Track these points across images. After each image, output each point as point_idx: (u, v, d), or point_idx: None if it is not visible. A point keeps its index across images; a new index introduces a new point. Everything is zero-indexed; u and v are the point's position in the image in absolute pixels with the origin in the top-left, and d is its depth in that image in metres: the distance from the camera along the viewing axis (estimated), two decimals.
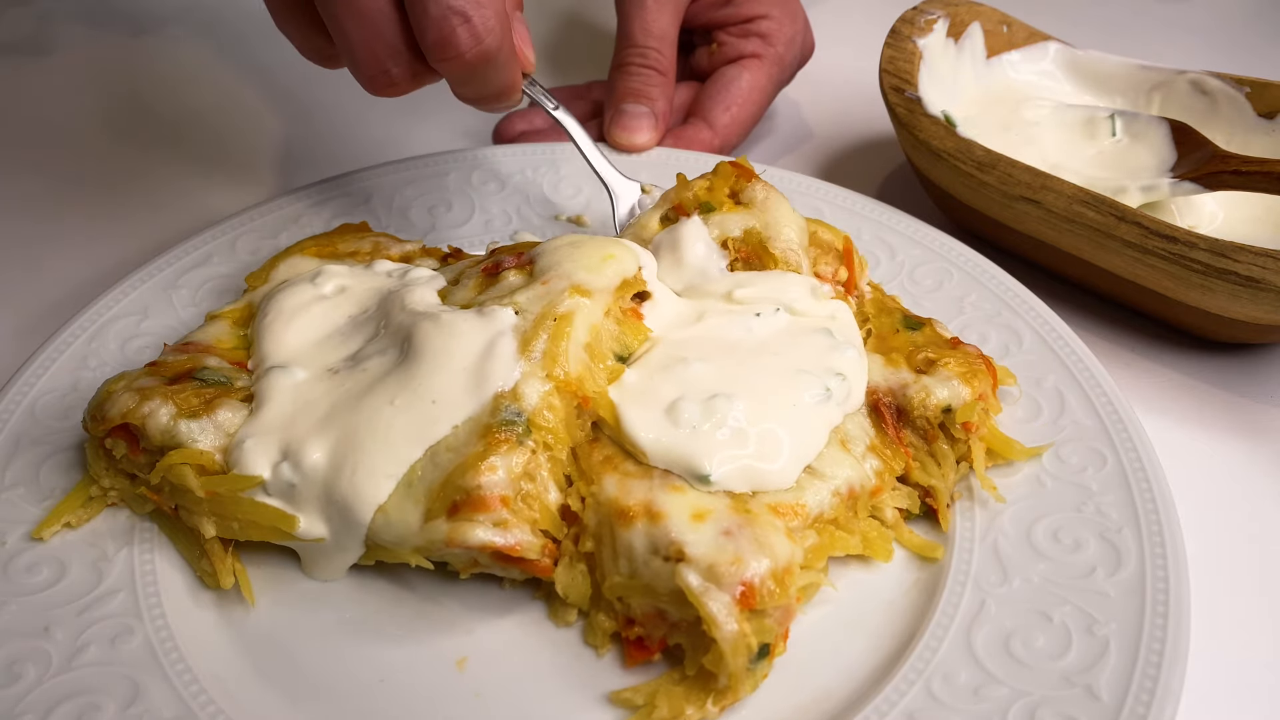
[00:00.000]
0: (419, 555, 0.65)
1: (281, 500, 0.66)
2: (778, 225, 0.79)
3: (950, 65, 1.04)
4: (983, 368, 0.74)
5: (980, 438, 0.72)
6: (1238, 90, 0.98)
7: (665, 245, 0.79)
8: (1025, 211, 0.89)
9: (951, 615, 0.65)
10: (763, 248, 0.79)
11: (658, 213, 0.82)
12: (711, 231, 0.79)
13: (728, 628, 0.59)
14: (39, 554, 0.68)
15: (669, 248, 0.79)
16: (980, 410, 0.72)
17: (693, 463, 0.65)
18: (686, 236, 0.78)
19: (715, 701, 0.61)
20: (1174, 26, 1.39)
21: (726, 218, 0.80)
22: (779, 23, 1.07)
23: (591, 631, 0.66)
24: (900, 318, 0.79)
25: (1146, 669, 0.60)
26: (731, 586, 0.59)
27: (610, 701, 0.63)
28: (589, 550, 0.65)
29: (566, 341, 0.68)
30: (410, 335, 0.69)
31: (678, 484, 0.65)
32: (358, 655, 0.66)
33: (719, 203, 0.81)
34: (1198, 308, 0.84)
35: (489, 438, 0.64)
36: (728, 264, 0.78)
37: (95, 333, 0.82)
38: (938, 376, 0.73)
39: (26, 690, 0.61)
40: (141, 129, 1.18)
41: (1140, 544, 0.67)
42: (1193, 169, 0.92)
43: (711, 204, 0.81)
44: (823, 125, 1.18)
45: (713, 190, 0.82)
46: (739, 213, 0.80)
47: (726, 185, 0.83)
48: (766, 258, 0.78)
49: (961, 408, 0.72)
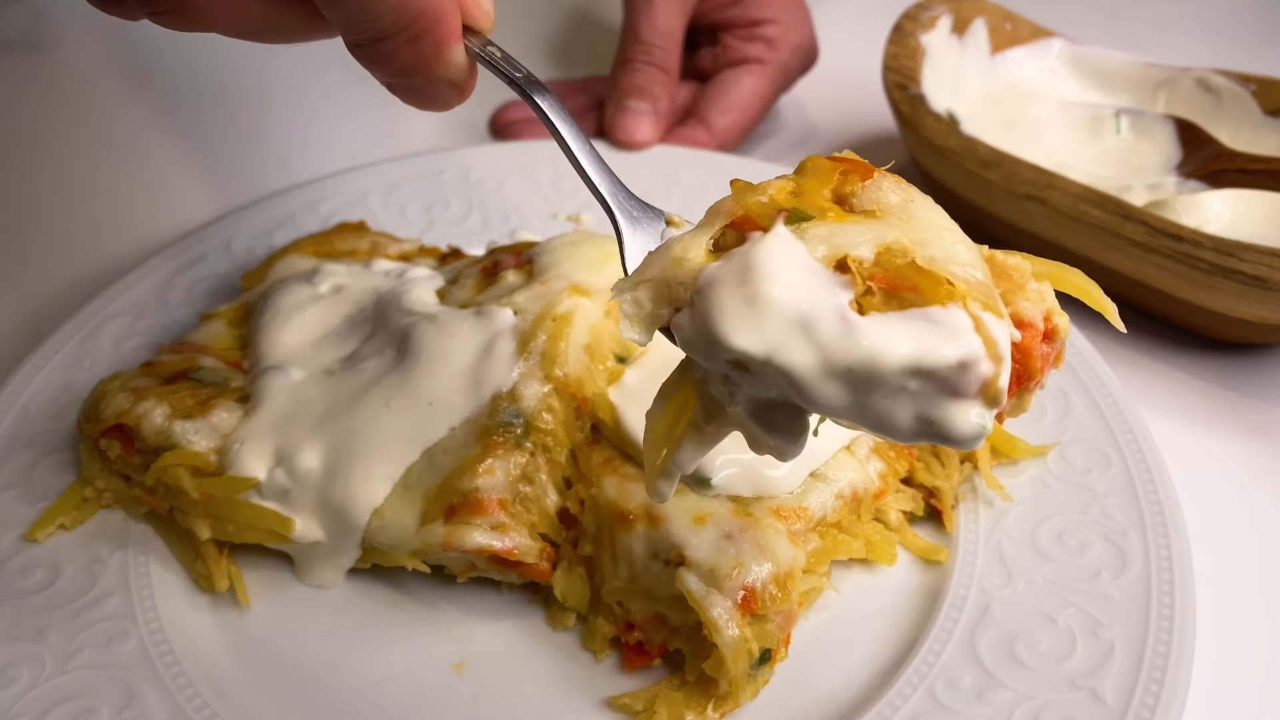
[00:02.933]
0: (416, 558, 0.65)
1: (277, 502, 0.65)
2: (938, 239, 0.47)
3: (954, 62, 1.03)
4: None
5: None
6: (1244, 88, 0.97)
7: (729, 280, 0.47)
8: (1030, 210, 0.88)
9: (955, 618, 0.64)
10: (917, 271, 0.46)
11: (704, 236, 0.49)
12: (814, 250, 0.47)
13: (728, 633, 0.58)
14: (33, 556, 0.67)
15: (736, 282, 0.46)
16: None
17: None
18: (769, 260, 0.46)
19: (715, 708, 0.61)
20: (1179, 23, 1.38)
21: (838, 229, 0.47)
22: (785, 29, 1.07)
23: (590, 636, 0.65)
24: None
25: (1152, 672, 0.60)
26: (733, 591, 0.59)
27: (609, 706, 0.62)
28: (588, 554, 0.64)
29: (566, 342, 0.68)
30: (408, 336, 0.69)
31: (678, 487, 0.64)
32: (354, 659, 0.65)
33: (817, 209, 0.49)
34: (1204, 307, 0.83)
35: (487, 440, 0.63)
36: (852, 299, 0.46)
37: (90, 333, 0.81)
38: None
39: (21, 694, 0.60)
40: (137, 127, 1.17)
41: (1146, 546, 0.66)
42: (1198, 167, 0.91)
43: (805, 211, 0.49)
44: (826, 122, 1.18)
45: (802, 193, 0.50)
46: (860, 222, 0.48)
47: (824, 187, 0.51)
48: (924, 284, 0.46)
49: None
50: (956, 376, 0.44)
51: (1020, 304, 0.48)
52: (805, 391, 0.45)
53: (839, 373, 0.45)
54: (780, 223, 0.48)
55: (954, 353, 0.43)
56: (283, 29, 0.52)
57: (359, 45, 0.51)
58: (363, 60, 0.52)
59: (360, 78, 0.62)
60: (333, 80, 1.22)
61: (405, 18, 0.49)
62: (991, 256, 0.49)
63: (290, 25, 0.52)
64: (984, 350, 0.44)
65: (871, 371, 0.44)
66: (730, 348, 0.45)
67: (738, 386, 0.49)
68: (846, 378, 0.45)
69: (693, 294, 0.47)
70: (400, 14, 0.49)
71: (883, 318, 0.45)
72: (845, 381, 0.45)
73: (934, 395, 0.44)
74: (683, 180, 0.96)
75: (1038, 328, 0.48)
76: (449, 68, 0.52)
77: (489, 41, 0.56)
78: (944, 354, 0.43)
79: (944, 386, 0.44)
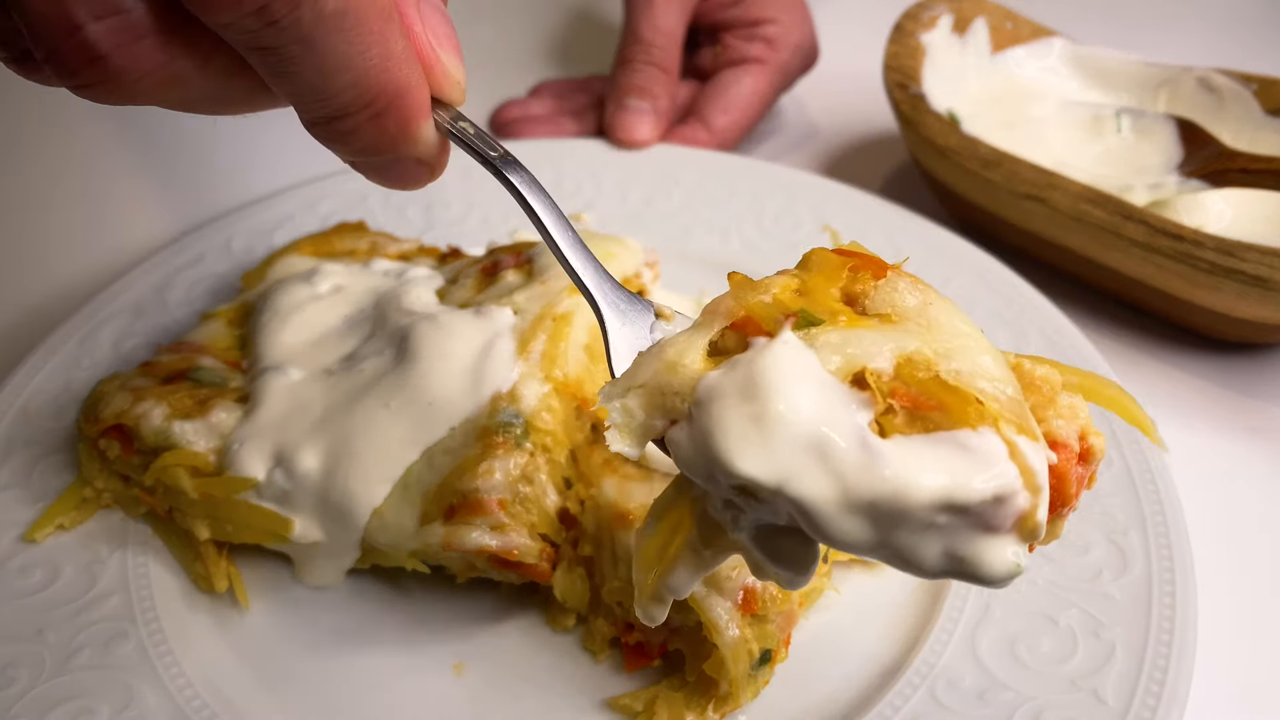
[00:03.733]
0: (415, 559, 0.64)
1: (276, 503, 0.65)
2: (963, 349, 0.43)
3: (955, 61, 1.03)
4: None
5: None
6: (1245, 87, 0.97)
7: (733, 394, 0.41)
8: (1031, 209, 0.88)
9: (956, 619, 0.64)
10: (942, 387, 0.41)
11: (700, 339, 0.45)
12: (826, 361, 0.42)
13: (729, 633, 0.58)
14: (32, 556, 0.67)
15: (742, 396, 0.41)
16: None
17: None
18: (778, 373, 0.41)
19: (716, 708, 0.61)
20: (1181, 22, 1.38)
21: (852, 336, 0.43)
22: (785, 29, 1.07)
23: (590, 636, 0.65)
24: None
25: (1153, 673, 0.60)
26: (733, 592, 0.59)
27: (608, 707, 0.62)
28: (588, 554, 0.64)
29: (565, 342, 0.68)
30: (407, 336, 0.68)
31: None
32: (353, 659, 0.65)
33: (827, 311, 0.44)
34: (1205, 307, 0.83)
35: (487, 440, 0.63)
36: (872, 419, 0.41)
37: (89, 333, 0.81)
38: None
39: (20, 694, 0.60)
40: (135, 126, 1.17)
41: (1147, 547, 0.66)
42: (1200, 167, 0.91)
43: (814, 314, 0.44)
44: (827, 122, 1.18)
45: (809, 293, 0.45)
46: (876, 329, 0.44)
47: (832, 285, 0.46)
48: (951, 403, 0.41)
49: None
50: (991, 511, 0.39)
51: (1053, 422, 0.43)
52: (821, 525, 0.40)
53: (860, 506, 0.39)
54: (788, 328, 0.42)
55: (988, 485, 0.38)
56: (229, 101, 0.45)
57: (315, 124, 0.45)
58: (321, 139, 0.46)
59: None
60: None
61: (366, 94, 0.43)
62: (1018, 365, 0.44)
63: (236, 97, 0.45)
64: (1020, 480, 0.39)
65: (897, 506, 0.39)
66: (736, 473, 0.39)
67: (742, 512, 0.43)
68: (869, 512, 0.39)
69: (691, 406, 0.42)
70: (360, 89, 0.42)
71: (907, 441, 0.40)
72: (867, 516, 0.39)
73: (965, 530, 0.39)
74: (682, 180, 0.96)
75: (1073, 449, 0.43)
76: (417, 145, 0.46)
77: (460, 115, 0.50)
78: (977, 486, 0.38)
79: (977, 521, 0.39)
